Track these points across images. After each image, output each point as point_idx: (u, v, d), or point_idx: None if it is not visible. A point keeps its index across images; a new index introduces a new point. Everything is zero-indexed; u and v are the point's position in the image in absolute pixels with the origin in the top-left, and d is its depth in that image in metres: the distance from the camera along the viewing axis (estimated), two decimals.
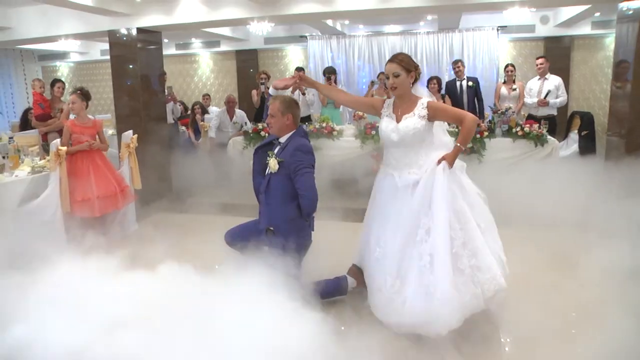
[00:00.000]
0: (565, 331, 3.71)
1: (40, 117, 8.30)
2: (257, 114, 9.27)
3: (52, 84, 8.48)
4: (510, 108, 7.41)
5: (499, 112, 7.23)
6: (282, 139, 4.13)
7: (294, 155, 3.93)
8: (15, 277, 3.77)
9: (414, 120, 3.81)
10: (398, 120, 3.88)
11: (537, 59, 8.40)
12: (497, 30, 11.71)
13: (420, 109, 3.83)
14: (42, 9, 8.84)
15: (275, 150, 4.10)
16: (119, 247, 4.68)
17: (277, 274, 3.59)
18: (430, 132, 3.89)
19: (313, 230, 4.22)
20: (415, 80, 3.88)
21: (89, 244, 4.84)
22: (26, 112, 9.82)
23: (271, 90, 4.32)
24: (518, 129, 6.95)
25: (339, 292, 4.21)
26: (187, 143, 10.31)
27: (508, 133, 7.03)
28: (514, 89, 8.44)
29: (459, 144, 3.74)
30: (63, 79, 10.99)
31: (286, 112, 4.06)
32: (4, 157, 6.00)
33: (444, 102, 8.57)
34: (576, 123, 9.08)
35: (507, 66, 8.76)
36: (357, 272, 4.34)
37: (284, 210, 4.00)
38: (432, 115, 3.85)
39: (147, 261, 4.01)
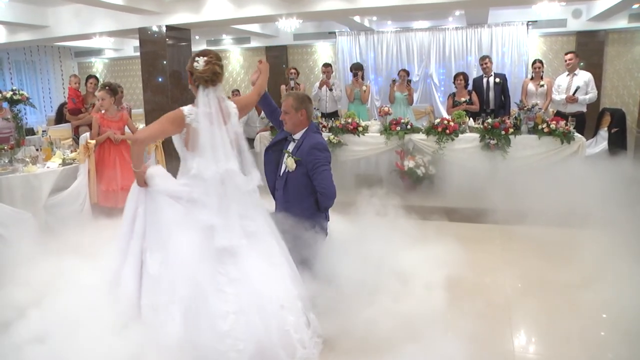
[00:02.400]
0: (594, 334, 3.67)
1: (72, 111, 8.60)
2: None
3: (86, 80, 8.74)
4: (537, 104, 7.34)
5: (525, 108, 7.18)
6: (297, 136, 4.17)
7: (310, 154, 3.99)
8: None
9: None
10: None
11: (566, 54, 8.27)
12: (527, 25, 11.52)
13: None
14: (76, 8, 9.13)
15: (291, 149, 4.16)
16: None
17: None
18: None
19: (329, 221, 4.29)
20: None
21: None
22: (61, 107, 10.13)
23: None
24: (544, 125, 6.87)
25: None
26: None
27: (534, 130, 6.97)
28: (542, 85, 8.34)
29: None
30: (98, 75, 11.27)
31: (300, 107, 4.10)
32: (37, 150, 6.23)
33: (470, 98, 8.55)
34: (606, 120, 8.91)
35: (534, 62, 8.66)
36: None
37: (303, 207, 4.08)
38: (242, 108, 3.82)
39: None
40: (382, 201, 5.77)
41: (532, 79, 8.59)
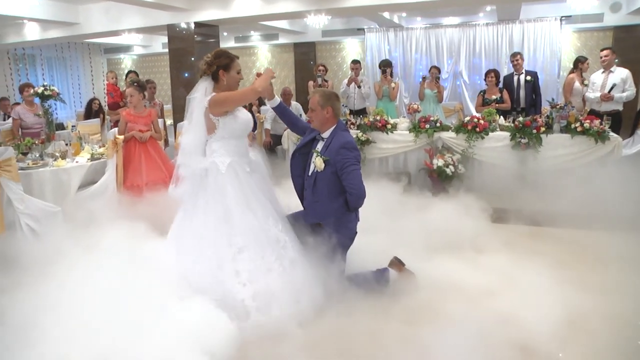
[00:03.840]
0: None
1: (110, 106, 8.74)
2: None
3: (126, 75, 8.82)
4: (570, 103, 7.16)
5: (558, 106, 7.01)
6: (325, 134, 4.10)
7: (339, 154, 3.91)
8: None
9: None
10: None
11: (602, 50, 8.00)
12: (561, 20, 11.28)
13: None
14: (106, 6, 9.25)
15: (319, 148, 4.09)
16: None
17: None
18: None
19: (359, 221, 4.20)
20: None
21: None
22: (90, 102, 10.25)
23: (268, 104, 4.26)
24: (577, 124, 6.71)
25: (380, 284, 4.18)
26: None
27: (566, 129, 6.79)
28: (587, 84, 8.08)
29: None
30: (126, 71, 11.39)
31: (326, 105, 4.02)
32: (67, 144, 6.30)
33: (501, 96, 8.40)
34: None
35: (585, 60, 8.35)
36: (399, 264, 4.33)
37: (332, 207, 4.01)
38: None
39: None
40: (412, 199, 5.78)
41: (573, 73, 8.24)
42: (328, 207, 4.02)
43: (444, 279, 4.23)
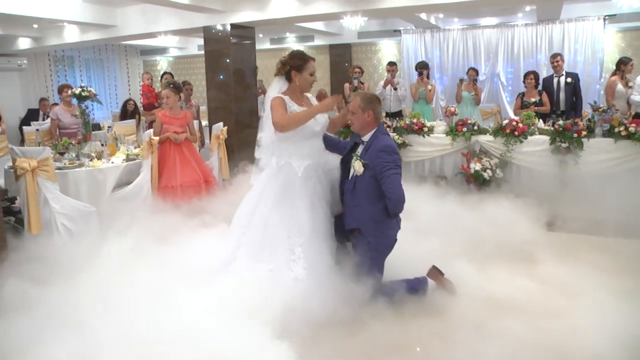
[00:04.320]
0: None
1: (145, 107, 8.81)
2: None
3: (161, 77, 8.89)
4: (613, 106, 6.93)
5: (600, 109, 6.79)
6: (365, 138, 4.03)
7: (378, 157, 3.84)
8: None
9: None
10: None
11: None
12: (604, 19, 10.96)
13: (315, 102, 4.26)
14: (143, 8, 9.38)
15: (359, 151, 4.03)
16: None
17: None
18: None
19: (400, 229, 4.10)
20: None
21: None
22: (125, 103, 10.38)
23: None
24: (621, 128, 6.47)
25: (418, 293, 4.10)
26: None
27: (609, 133, 6.55)
28: (631, 87, 7.79)
29: None
30: (162, 72, 11.52)
31: (367, 108, 3.96)
32: (102, 145, 6.36)
33: (541, 98, 8.20)
34: None
35: (629, 61, 7.95)
36: (437, 273, 4.24)
37: (372, 212, 3.93)
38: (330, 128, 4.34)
39: None
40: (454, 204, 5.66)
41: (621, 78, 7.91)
42: (367, 212, 3.94)
43: (488, 290, 4.09)
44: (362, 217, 3.96)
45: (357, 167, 3.94)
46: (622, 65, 7.85)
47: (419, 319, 3.74)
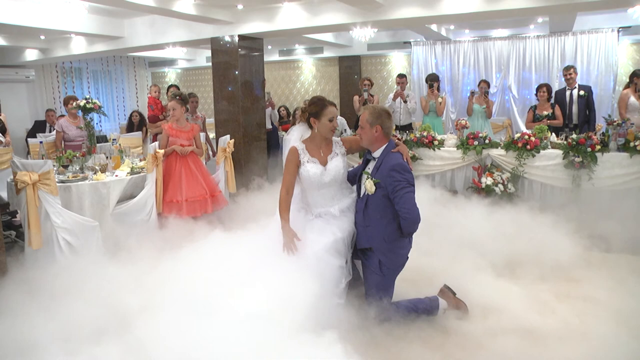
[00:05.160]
0: None
1: (150, 119, 8.73)
2: (359, 121, 9.16)
3: (167, 90, 8.83)
4: (628, 119, 6.78)
5: (615, 123, 6.64)
6: (376, 154, 3.92)
7: (390, 176, 3.71)
8: None
9: (339, 159, 4.05)
10: (323, 163, 3.99)
11: None
12: (618, 31, 10.78)
13: (339, 147, 4.12)
14: (151, 19, 9.33)
15: (370, 169, 3.92)
16: None
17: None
18: None
19: (411, 247, 3.99)
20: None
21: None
22: (131, 116, 10.30)
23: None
24: (637, 143, 6.33)
25: (428, 313, 3.98)
26: None
27: (624, 147, 6.42)
28: None
29: None
30: (173, 84, 11.47)
31: (375, 123, 3.86)
32: (108, 158, 6.26)
33: (553, 111, 8.06)
34: None
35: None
36: (449, 293, 4.10)
37: (384, 232, 3.82)
38: (348, 149, 4.17)
39: None
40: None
41: (636, 91, 7.72)
42: (379, 231, 3.83)
43: (506, 311, 3.96)
44: (374, 237, 3.85)
45: (368, 186, 3.82)
46: (636, 78, 7.67)
47: (427, 341, 3.61)
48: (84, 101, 6.64)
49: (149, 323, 3.29)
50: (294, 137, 4.08)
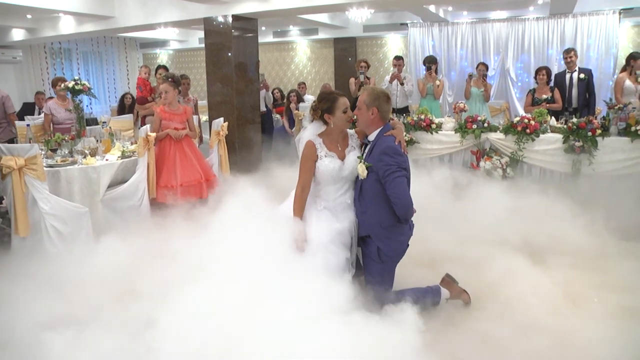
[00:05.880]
0: None
1: (139, 100, 8.48)
2: (355, 103, 9.00)
3: (156, 70, 8.60)
4: (630, 103, 6.66)
5: (616, 107, 6.51)
6: (371, 137, 3.82)
7: (380, 160, 3.59)
8: None
9: (356, 153, 3.88)
10: (341, 157, 3.84)
11: None
12: (619, 13, 10.61)
13: (355, 140, 3.96)
14: None
15: (364, 154, 3.80)
16: None
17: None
18: None
19: (412, 234, 3.87)
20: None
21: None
22: (123, 98, 10.08)
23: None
24: (639, 127, 6.20)
25: (430, 303, 3.87)
26: (282, 131, 10.23)
27: (625, 132, 6.30)
28: None
29: None
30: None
31: (372, 105, 3.72)
32: (98, 141, 6.08)
33: (552, 95, 7.92)
34: None
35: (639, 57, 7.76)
36: (451, 282, 4.01)
37: (380, 217, 3.70)
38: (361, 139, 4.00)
39: None
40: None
41: (630, 74, 7.63)
42: (375, 217, 3.71)
43: (515, 302, 3.87)
44: (371, 223, 3.73)
45: (360, 170, 3.70)
46: (632, 61, 7.60)
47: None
48: (73, 82, 6.43)
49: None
50: (308, 135, 3.92)
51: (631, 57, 7.67)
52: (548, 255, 4.73)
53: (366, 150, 3.80)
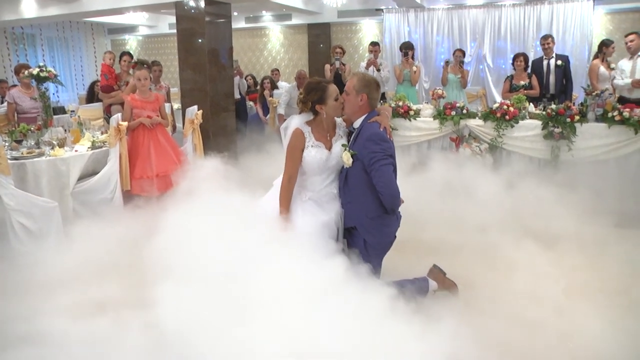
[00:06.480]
0: None
1: (104, 88, 8.14)
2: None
3: (120, 57, 8.31)
4: (606, 89, 6.64)
5: (594, 94, 6.49)
6: (356, 124, 3.68)
7: (365, 147, 3.46)
8: None
9: (343, 141, 3.73)
10: (328, 147, 3.68)
11: (627, 35, 7.32)
12: (593, 1, 10.69)
13: (342, 129, 3.82)
14: None
15: (350, 141, 3.67)
16: None
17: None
18: None
19: (399, 226, 3.76)
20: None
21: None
22: (92, 85, 9.77)
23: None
24: (615, 113, 6.19)
25: (418, 294, 3.75)
26: (256, 119, 10.05)
27: (603, 118, 6.29)
28: (613, 69, 7.53)
29: None
30: (132, 52, 10.92)
31: (362, 91, 3.57)
32: (66, 131, 5.84)
33: (530, 81, 7.89)
34: None
35: (611, 44, 7.80)
36: (439, 273, 3.93)
37: (367, 208, 3.59)
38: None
39: None
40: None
41: (603, 60, 7.70)
42: (361, 207, 3.60)
43: (507, 293, 3.84)
44: (357, 214, 3.62)
45: (345, 159, 3.56)
46: (605, 48, 7.74)
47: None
48: (38, 69, 6.16)
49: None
50: (294, 124, 3.72)
51: (603, 44, 7.82)
52: (536, 242, 4.66)
53: (352, 138, 3.67)
